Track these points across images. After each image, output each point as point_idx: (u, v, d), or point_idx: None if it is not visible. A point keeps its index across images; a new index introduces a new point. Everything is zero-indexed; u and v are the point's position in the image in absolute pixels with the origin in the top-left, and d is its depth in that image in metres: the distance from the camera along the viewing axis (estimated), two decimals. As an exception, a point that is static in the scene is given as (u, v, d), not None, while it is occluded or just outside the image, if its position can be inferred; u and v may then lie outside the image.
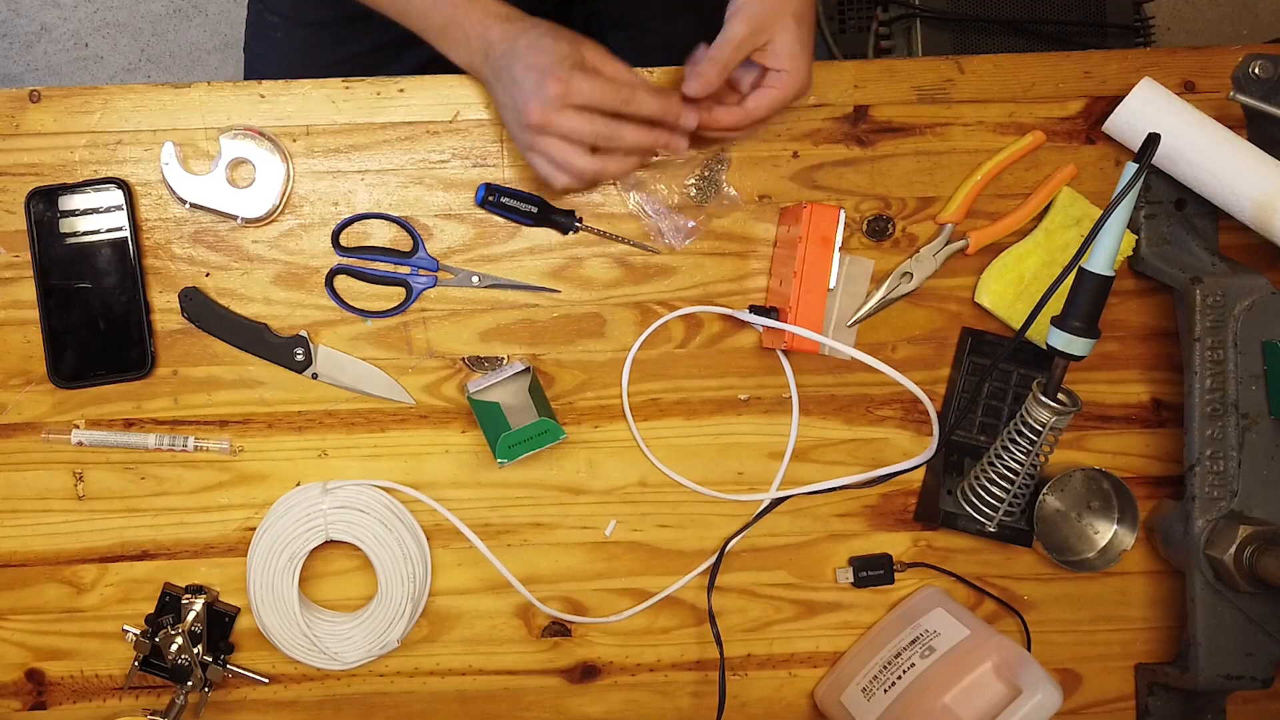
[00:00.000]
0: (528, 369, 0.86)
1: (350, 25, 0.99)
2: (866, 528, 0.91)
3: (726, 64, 0.77)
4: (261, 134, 0.84)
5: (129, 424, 0.86)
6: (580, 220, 0.86)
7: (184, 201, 0.84)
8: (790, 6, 0.78)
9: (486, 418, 0.84)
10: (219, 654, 0.87)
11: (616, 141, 0.77)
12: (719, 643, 0.87)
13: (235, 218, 0.84)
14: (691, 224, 0.86)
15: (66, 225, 0.84)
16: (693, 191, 0.86)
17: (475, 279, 0.86)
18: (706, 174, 0.86)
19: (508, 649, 0.90)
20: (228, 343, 0.85)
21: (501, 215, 0.86)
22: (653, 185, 0.86)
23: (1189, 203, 0.87)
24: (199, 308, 0.85)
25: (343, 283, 0.86)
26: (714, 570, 0.89)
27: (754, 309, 0.85)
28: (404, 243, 0.86)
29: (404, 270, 0.86)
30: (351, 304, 0.86)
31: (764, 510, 0.89)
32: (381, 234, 0.86)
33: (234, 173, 0.84)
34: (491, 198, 0.84)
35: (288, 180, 0.85)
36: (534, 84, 0.75)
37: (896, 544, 0.91)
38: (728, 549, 0.89)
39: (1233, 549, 0.81)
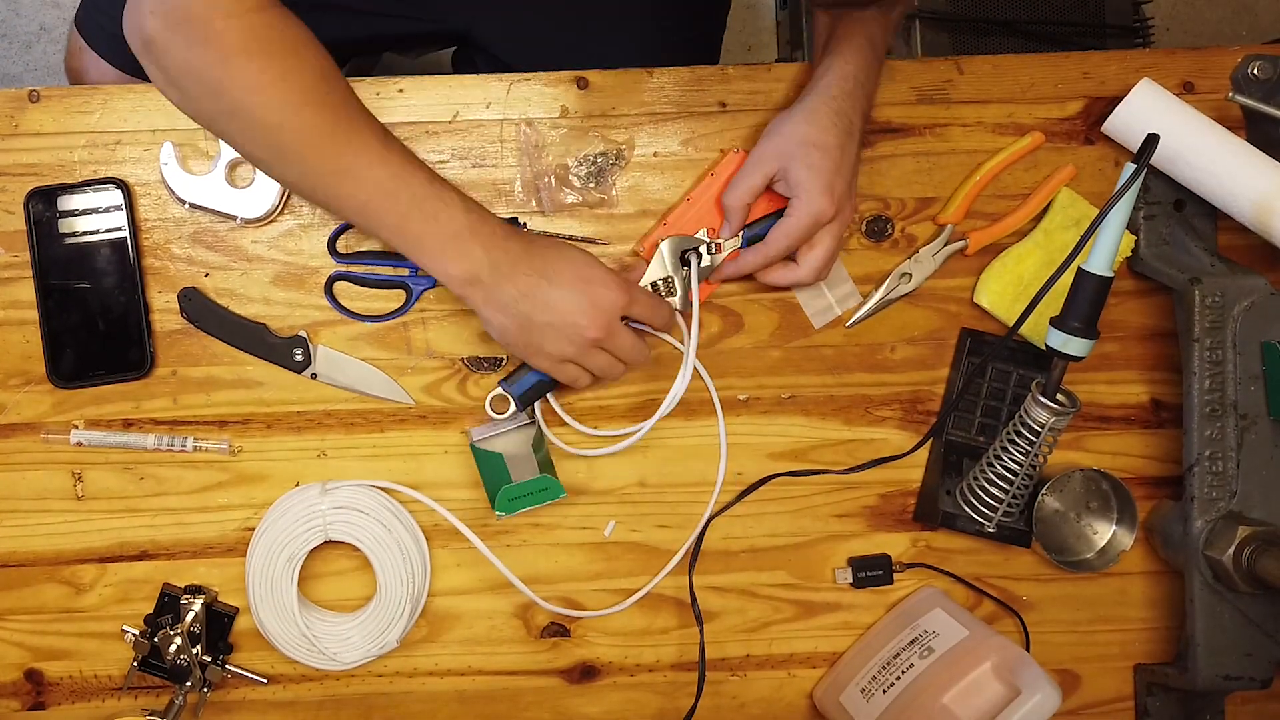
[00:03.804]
0: (533, 422, 0.86)
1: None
2: (865, 528, 0.91)
3: (742, 209, 0.82)
4: (261, 134, 0.84)
5: (128, 424, 0.86)
6: (525, 226, 0.86)
7: (183, 201, 0.84)
8: (799, 135, 0.79)
9: (488, 467, 0.84)
10: (218, 654, 0.87)
11: (644, 363, 0.82)
12: (699, 621, 0.88)
13: (234, 218, 0.84)
14: (570, 199, 0.86)
15: (66, 225, 0.84)
16: (581, 171, 0.86)
17: None
18: (599, 161, 0.85)
19: (507, 649, 0.90)
20: (227, 343, 0.85)
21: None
22: (546, 151, 0.86)
23: (1188, 203, 0.87)
24: (198, 308, 0.85)
25: (342, 287, 0.86)
26: (696, 547, 0.89)
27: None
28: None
29: (402, 272, 0.86)
30: (352, 309, 0.86)
31: (750, 489, 0.89)
32: (381, 234, 0.86)
33: (233, 173, 0.84)
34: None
35: None
36: (597, 292, 0.76)
37: (895, 544, 0.91)
38: (709, 524, 0.90)
39: (1231, 549, 0.81)
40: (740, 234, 0.84)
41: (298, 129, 0.71)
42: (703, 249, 0.84)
